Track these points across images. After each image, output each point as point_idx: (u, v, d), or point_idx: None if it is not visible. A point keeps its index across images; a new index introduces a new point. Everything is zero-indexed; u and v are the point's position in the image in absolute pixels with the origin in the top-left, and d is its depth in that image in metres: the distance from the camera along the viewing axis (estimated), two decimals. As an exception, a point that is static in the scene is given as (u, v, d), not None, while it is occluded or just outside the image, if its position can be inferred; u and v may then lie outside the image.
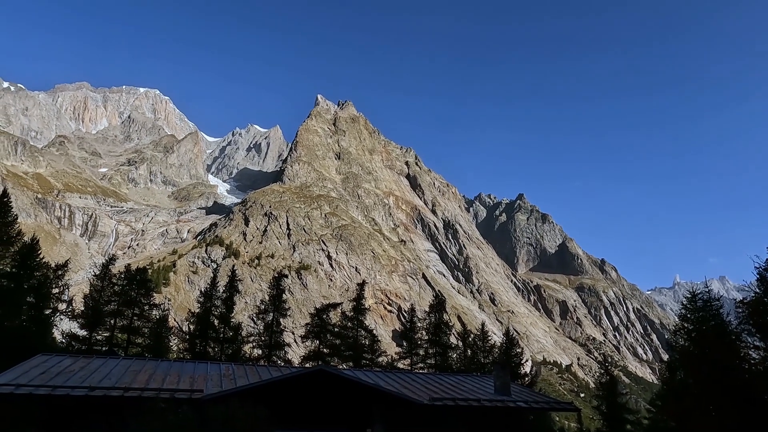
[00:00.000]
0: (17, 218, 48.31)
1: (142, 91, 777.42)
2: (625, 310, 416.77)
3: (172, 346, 56.19)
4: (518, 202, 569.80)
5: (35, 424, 21.39)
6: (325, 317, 53.96)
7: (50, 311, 47.01)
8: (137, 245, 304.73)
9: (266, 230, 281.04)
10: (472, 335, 62.12)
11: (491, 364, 55.66)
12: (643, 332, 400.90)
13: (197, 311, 51.39)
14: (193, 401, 20.40)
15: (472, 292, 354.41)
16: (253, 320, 54.16)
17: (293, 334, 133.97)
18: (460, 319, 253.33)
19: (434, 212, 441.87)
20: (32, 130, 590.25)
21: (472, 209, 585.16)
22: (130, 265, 60.34)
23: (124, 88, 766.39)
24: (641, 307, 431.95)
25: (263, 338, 51.51)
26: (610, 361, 58.09)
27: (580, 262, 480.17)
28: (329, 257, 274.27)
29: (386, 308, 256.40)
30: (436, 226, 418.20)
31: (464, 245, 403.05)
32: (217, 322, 50.59)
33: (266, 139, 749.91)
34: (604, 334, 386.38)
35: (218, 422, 17.57)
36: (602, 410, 48.52)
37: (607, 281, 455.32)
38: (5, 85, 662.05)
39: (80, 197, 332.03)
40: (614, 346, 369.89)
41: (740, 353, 24.47)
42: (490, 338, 62.05)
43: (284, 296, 54.56)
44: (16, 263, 44.30)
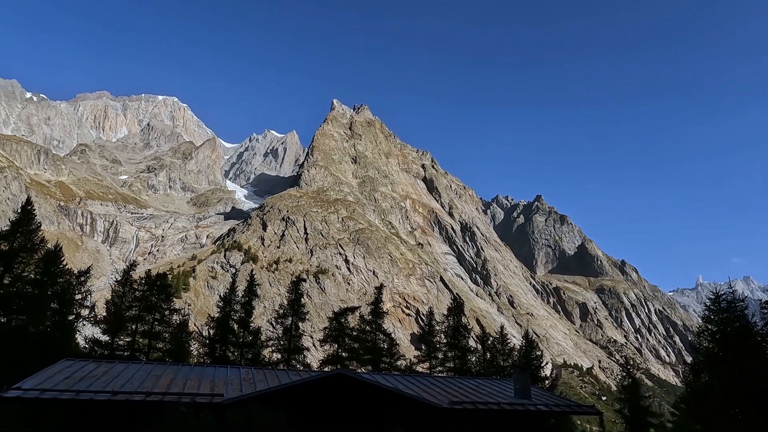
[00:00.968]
0: (41, 226, 49.20)
1: (160, 98, 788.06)
2: (646, 311, 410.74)
3: (192, 350, 56.68)
4: (536, 203, 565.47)
5: (60, 428, 21.71)
6: (343, 321, 54.04)
7: (73, 317, 47.78)
8: (157, 251, 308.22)
9: (284, 235, 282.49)
10: (491, 338, 61.71)
11: (511, 367, 55.21)
12: (665, 334, 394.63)
13: (217, 316, 51.84)
14: (213, 405, 20.55)
15: (490, 294, 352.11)
16: (272, 324, 54.29)
17: (312, 338, 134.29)
18: (478, 322, 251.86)
19: (451, 215, 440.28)
20: (54, 139, 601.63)
21: (489, 211, 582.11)
22: (150, 270, 61.08)
23: (143, 96, 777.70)
24: (663, 308, 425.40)
25: (282, 342, 51.73)
26: (632, 363, 57.44)
27: (599, 263, 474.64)
28: (347, 261, 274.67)
29: (404, 311, 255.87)
30: (453, 228, 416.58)
31: (482, 248, 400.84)
32: (236, 326, 50.95)
33: (283, 144, 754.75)
34: (625, 336, 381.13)
35: (239, 426, 17.68)
36: (625, 413, 47.88)
37: (627, 283, 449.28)
38: (28, 95, 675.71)
39: (101, 204, 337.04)
40: (636, 348, 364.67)
41: (766, 355, 23.98)
42: (509, 341, 61.57)
43: (302, 300, 54.76)
44: (40, 270, 45.10)
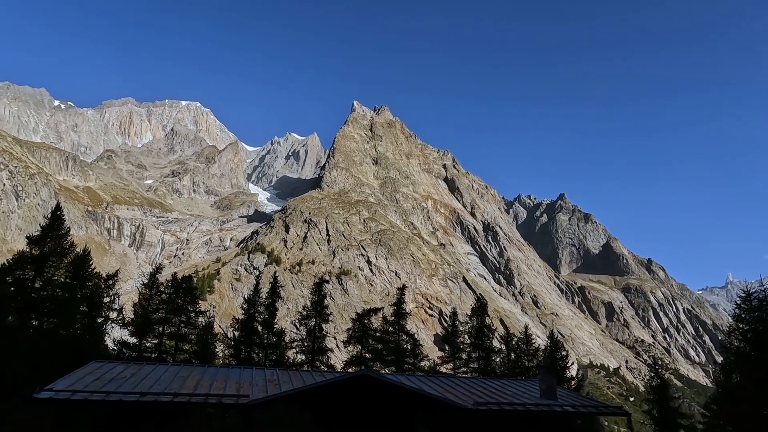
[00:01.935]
0: (70, 230, 50.26)
1: (183, 104, 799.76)
2: (674, 311, 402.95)
3: (218, 352, 57.38)
4: (559, 202, 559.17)
5: (90, 428, 22.14)
6: (366, 322, 54.11)
7: (102, 319, 48.71)
8: (182, 254, 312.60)
9: (306, 237, 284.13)
10: (515, 338, 61.18)
11: (536, 367, 54.64)
12: (694, 334, 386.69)
13: (241, 318, 52.32)
14: (239, 406, 20.76)
15: (514, 294, 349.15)
16: (295, 326, 54.64)
17: (335, 339, 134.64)
18: (502, 322, 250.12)
19: (473, 215, 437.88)
20: (82, 145, 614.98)
21: (511, 211, 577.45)
22: (176, 273, 61.97)
23: (166, 101, 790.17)
24: (692, 307, 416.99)
25: (306, 344, 52.02)
26: (660, 363, 56.21)
27: (625, 262, 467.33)
28: (369, 262, 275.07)
29: (427, 312, 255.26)
30: (475, 228, 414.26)
31: (505, 247, 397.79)
32: (260, 328, 51.38)
33: (304, 146, 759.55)
34: (653, 336, 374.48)
35: (265, 426, 17.83)
36: (653, 415, 47.00)
37: (654, 281, 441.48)
38: (56, 103, 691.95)
39: (128, 209, 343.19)
40: (664, 348, 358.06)
41: (801, 354, 23.34)
42: (533, 341, 60.94)
43: (325, 302, 55.03)
44: (69, 274, 46.08)
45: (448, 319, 59.97)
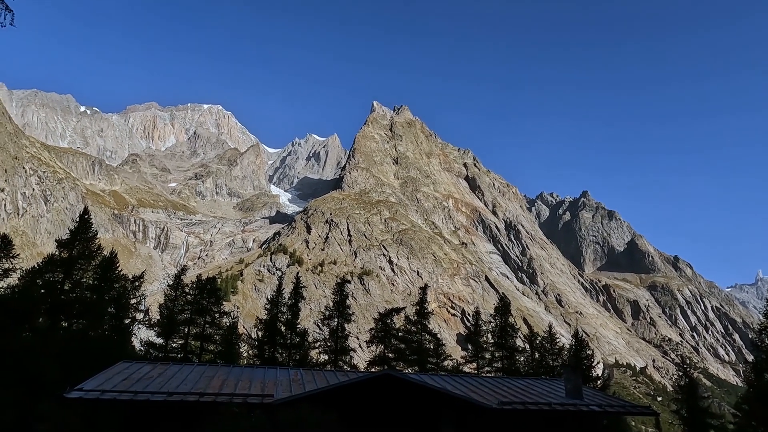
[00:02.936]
0: (97, 234, 51.23)
1: (205, 107, 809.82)
2: (703, 308, 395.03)
3: (242, 352, 57.88)
4: (582, 199, 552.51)
5: (118, 427, 22.54)
6: (388, 322, 54.10)
7: (129, 321, 49.54)
8: (206, 256, 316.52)
9: (328, 237, 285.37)
10: (539, 338, 60.64)
11: (560, 367, 54.11)
12: (723, 332, 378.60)
13: (264, 318, 52.71)
14: (264, 406, 20.91)
15: (537, 293, 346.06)
16: (318, 326, 54.91)
17: (358, 339, 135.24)
18: (525, 321, 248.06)
19: (495, 213, 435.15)
20: (107, 150, 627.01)
21: (534, 209, 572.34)
22: (200, 275, 62.74)
23: (189, 105, 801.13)
24: (721, 305, 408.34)
25: (329, 344, 52.20)
26: (688, 362, 55.14)
27: (651, 259, 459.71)
28: (390, 262, 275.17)
29: (449, 312, 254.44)
30: (497, 227, 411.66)
31: (527, 246, 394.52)
32: (283, 328, 51.73)
33: (325, 147, 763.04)
34: (680, 334, 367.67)
35: (289, 426, 17.91)
36: (682, 415, 46.17)
37: (681, 279, 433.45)
38: (82, 109, 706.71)
39: (152, 212, 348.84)
40: (692, 347, 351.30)
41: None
42: (558, 340, 60.34)
43: (348, 302, 55.08)
44: (97, 276, 46.97)
45: (470, 318, 59.72)
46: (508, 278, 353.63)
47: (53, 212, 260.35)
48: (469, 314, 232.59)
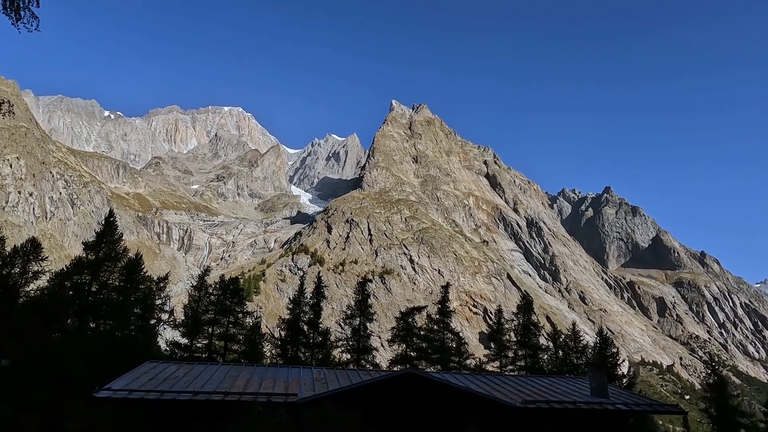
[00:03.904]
0: (122, 236, 52.17)
1: (226, 109, 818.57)
2: (731, 305, 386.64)
3: (265, 351, 58.42)
4: (605, 195, 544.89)
5: (145, 426, 22.90)
6: (410, 321, 54.09)
7: (155, 321, 50.37)
8: (229, 256, 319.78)
9: (348, 237, 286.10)
10: (562, 336, 60.01)
11: (585, 365, 53.50)
12: (753, 329, 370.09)
13: (287, 318, 53.10)
14: (288, 404, 21.08)
15: (560, 291, 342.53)
16: (340, 325, 55.09)
17: (380, 338, 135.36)
18: (549, 319, 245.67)
19: (516, 211, 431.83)
20: (131, 153, 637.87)
21: (555, 206, 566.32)
22: (223, 275, 63.35)
23: (210, 108, 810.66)
24: (750, 301, 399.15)
25: (351, 343, 52.36)
26: (717, 360, 54.15)
27: (677, 255, 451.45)
28: (411, 261, 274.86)
29: (471, 310, 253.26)
30: (518, 224, 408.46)
31: (549, 243, 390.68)
32: (306, 327, 52.05)
33: (344, 147, 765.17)
34: (708, 331, 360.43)
35: (313, 424, 18.03)
36: (711, 413, 45.37)
37: (708, 275, 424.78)
38: (106, 113, 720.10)
39: (176, 213, 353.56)
40: (721, 344, 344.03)
41: None
42: (582, 338, 59.66)
43: (369, 301, 55.20)
44: (123, 277, 47.86)
45: (493, 316, 59.36)
46: (530, 276, 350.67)
47: (80, 215, 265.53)
48: (491, 312, 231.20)
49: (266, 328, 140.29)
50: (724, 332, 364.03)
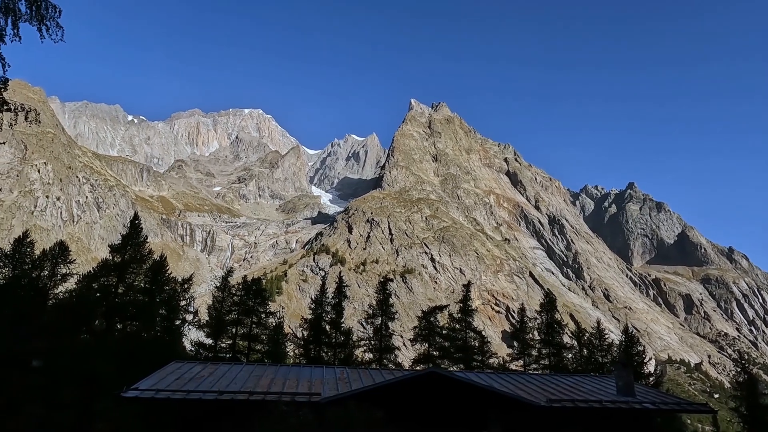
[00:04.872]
0: (147, 238, 53.03)
1: (246, 112, 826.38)
2: (761, 301, 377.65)
3: (288, 351, 58.83)
4: (629, 191, 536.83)
5: (172, 425, 23.24)
6: (432, 320, 54.01)
7: (179, 322, 51.12)
8: (251, 257, 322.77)
9: (369, 236, 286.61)
10: (587, 334, 59.38)
11: (610, 363, 52.89)
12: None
13: (309, 317, 53.42)
14: (312, 404, 21.20)
15: (584, 288, 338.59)
16: (362, 325, 55.27)
17: (402, 337, 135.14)
18: (572, 317, 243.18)
19: (538, 208, 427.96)
20: (154, 157, 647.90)
21: (578, 202, 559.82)
22: (246, 276, 64.02)
23: (230, 110, 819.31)
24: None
25: (373, 342, 52.47)
26: (746, 358, 53.22)
27: (703, 251, 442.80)
28: (432, 260, 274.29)
29: (494, 309, 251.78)
30: (540, 222, 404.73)
31: (572, 240, 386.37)
32: (328, 327, 52.31)
33: (364, 147, 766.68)
34: (737, 329, 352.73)
35: (337, 424, 18.11)
36: (741, 412, 44.46)
37: (737, 271, 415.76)
38: (129, 118, 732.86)
39: (198, 215, 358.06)
40: (751, 342, 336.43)
41: None
42: (607, 336, 58.94)
43: (391, 300, 55.23)
44: (148, 279, 48.65)
45: (515, 315, 58.97)
46: (552, 274, 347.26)
47: (105, 218, 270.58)
48: (513, 311, 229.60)
49: (289, 328, 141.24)
50: (753, 329, 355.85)
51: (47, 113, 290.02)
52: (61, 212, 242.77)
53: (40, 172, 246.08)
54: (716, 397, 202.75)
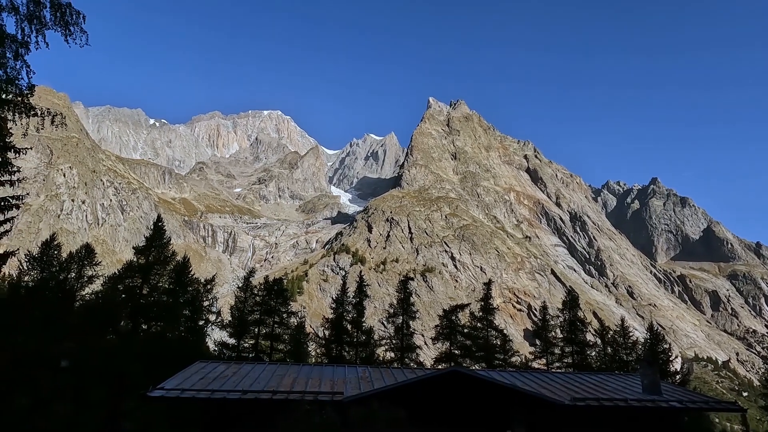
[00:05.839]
0: (170, 240, 53.76)
1: (265, 113, 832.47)
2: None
3: (310, 351, 59.18)
4: (652, 186, 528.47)
5: (196, 424, 23.55)
6: (453, 318, 53.80)
7: (203, 322, 51.79)
8: (272, 258, 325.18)
9: (389, 235, 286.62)
10: (610, 332, 58.70)
11: (635, 362, 52.17)
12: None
13: (331, 317, 53.62)
14: (335, 403, 21.28)
15: (607, 286, 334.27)
16: (383, 324, 55.23)
17: (423, 336, 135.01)
18: (596, 315, 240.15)
19: (559, 205, 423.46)
20: (176, 159, 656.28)
21: (600, 199, 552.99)
22: (267, 276, 64.45)
23: (250, 112, 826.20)
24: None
25: (394, 341, 52.46)
26: (776, 355, 51.86)
27: (730, 247, 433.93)
28: (453, 258, 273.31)
29: (515, 307, 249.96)
30: (561, 219, 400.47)
31: (594, 237, 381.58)
32: (349, 326, 52.47)
33: (382, 146, 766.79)
34: (766, 325, 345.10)
35: (360, 423, 18.17)
36: (772, 411, 43.42)
37: (765, 267, 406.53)
38: (151, 121, 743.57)
39: (220, 217, 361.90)
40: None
41: None
42: (631, 334, 58.16)
43: (411, 299, 55.16)
44: (172, 280, 49.35)
45: (537, 313, 58.55)
46: (575, 271, 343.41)
47: (129, 221, 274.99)
48: (535, 309, 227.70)
49: (310, 327, 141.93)
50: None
51: (72, 118, 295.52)
52: (86, 215, 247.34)
53: (65, 176, 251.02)
54: (745, 395, 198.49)
